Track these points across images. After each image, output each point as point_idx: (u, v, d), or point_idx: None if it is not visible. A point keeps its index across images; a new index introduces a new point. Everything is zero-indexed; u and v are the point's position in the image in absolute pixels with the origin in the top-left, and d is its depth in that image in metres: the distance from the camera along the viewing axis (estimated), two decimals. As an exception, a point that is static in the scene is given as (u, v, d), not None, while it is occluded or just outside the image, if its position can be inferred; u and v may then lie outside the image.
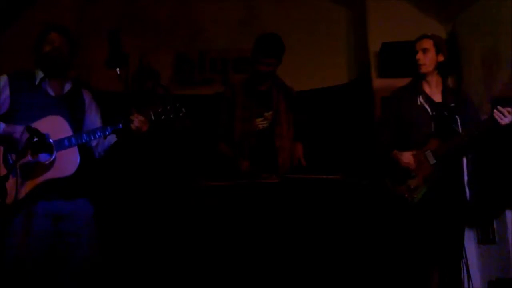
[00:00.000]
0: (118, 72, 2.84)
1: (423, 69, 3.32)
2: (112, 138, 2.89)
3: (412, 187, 3.22)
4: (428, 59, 3.31)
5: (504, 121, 3.05)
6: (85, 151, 2.85)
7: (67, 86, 2.89)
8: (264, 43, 3.49)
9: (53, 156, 2.61)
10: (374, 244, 3.68)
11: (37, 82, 2.80)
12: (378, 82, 4.61)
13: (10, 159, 2.62)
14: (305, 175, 3.34)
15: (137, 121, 2.74)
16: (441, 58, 3.33)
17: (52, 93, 2.83)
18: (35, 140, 2.50)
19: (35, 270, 2.64)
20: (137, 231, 4.09)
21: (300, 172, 3.44)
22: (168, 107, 2.82)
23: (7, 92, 2.74)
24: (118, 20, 4.77)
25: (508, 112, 3.04)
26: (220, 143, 3.63)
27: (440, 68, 3.36)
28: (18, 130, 2.57)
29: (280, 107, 3.59)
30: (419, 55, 3.32)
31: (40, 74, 2.82)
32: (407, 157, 3.24)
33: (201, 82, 4.98)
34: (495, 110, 3.08)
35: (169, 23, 4.99)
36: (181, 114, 2.83)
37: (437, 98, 3.35)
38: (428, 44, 3.32)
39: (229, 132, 3.57)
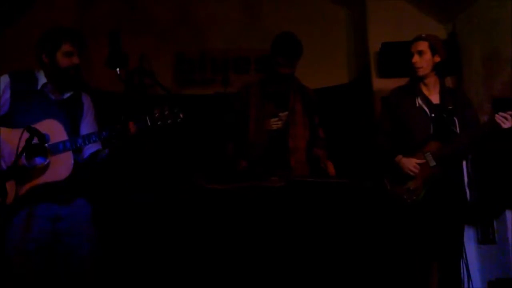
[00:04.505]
0: (118, 72, 2.83)
1: (420, 72, 3.30)
2: (93, 147, 2.86)
3: (411, 188, 3.22)
4: (424, 61, 3.28)
5: (506, 125, 3.05)
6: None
7: (68, 91, 2.88)
8: (287, 45, 3.42)
9: (48, 160, 2.61)
10: (375, 245, 3.68)
11: (39, 87, 2.78)
12: (378, 82, 4.61)
13: (3, 163, 2.61)
14: (311, 178, 3.33)
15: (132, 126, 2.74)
16: (437, 59, 3.30)
17: (52, 97, 2.81)
18: (34, 141, 2.50)
19: (35, 270, 2.64)
20: (137, 232, 4.09)
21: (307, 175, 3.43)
22: (166, 112, 2.79)
23: (7, 94, 2.72)
24: (118, 20, 4.76)
25: (511, 115, 3.04)
26: (229, 144, 3.61)
27: (437, 69, 3.34)
28: (16, 134, 2.56)
29: (296, 107, 3.54)
30: (415, 58, 3.29)
31: (43, 79, 2.78)
32: (413, 165, 3.23)
33: (201, 82, 4.98)
34: (496, 115, 3.07)
35: (169, 23, 4.99)
36: (179, 120, 2.80)
37: (435, 99, 3.34)
38: (423, 46, 3.29)
39: (241, 133, 3.54)
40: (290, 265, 3.09)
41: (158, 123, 2.77)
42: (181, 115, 2.80)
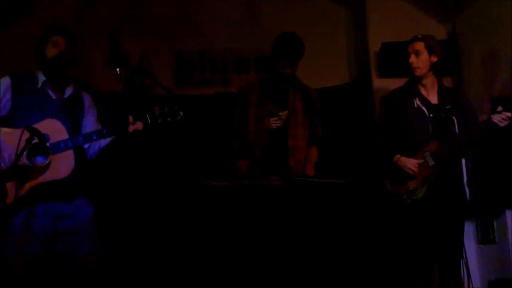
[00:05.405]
0: (118, 72, 2.84)
1: (417, 72, 3.33)
2: (103, 141, 2.88)
3: (411, 188, 3.22)
4: (421, 61, 3.31)
5: (504, 123, 3.06)
6: (81, 152, 2.87)
7: (69, 90, 2.91)
8: (289, 45, 3.41)
9: (49, 159, 2.62)
10: (375, 245, 3.68)
11: (39, 86, 2.81)
12: (378, 82, 4.61)
13: (3, 164, 2.61)
14: (311, 178, 3.33)
15: (133, 125, 2.76)
16: (434, 59, 3.33)
17: (53, 96, 2.84)
18: (34, 141, 2.51)
19: (35, 270, 2.64)
20: (137, 230, 4.10)
21: (306, 175, 3.43)
22: (166, 110, 2.81)
23: (9, 95, 2.75)
24: (118, 20, 4.77)
25: (508, 117, 3.05)
26: (232, 139, 3.60)
27: (435, 69, 3.36)
28: (16, 134, 2.57)
29: (296, 107, 3.54)
30: (412, 58, 3.32)
31: (42, 77, 2.82)
32: (412, 163, 3.24)
33: (201, 82, 4.98)
34: (492, 116, 3.08)
35: (169, 23, 4.99)
36: (178, 118, 2.82)
37: (434, 99, 3.35)
38: (419, 46, 3.32)
39: (242, 131, 3.54)
40: (289, 264, 3.10)
41: (159, 120, 2.80)
42: (181, 113, 2.82)
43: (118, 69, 2.84)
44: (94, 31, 4.53)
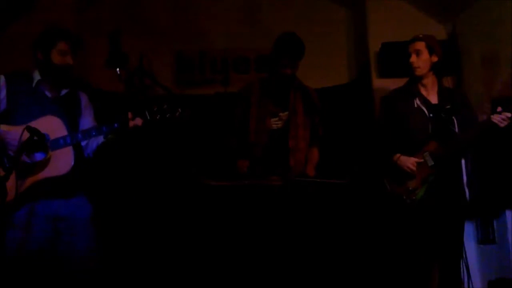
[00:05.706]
0: (118, 72, 2.84)
1: (418, 72, 3.33)
2: (100, 139, 2.89)
3: (410, 188, 3.22)
4: (421, 61, 3.31)
5: (503, 124, 3.06)
6: (80, 150, 2.87)
7: (65, 89, 2.91)
8: (290, 46, 3.41)
9: (48, 155, 2.62)
10: (375, 245, 3.68)
11: (34, 85, 2.81)
12: (378, 82, 4.61)
13: (5, 160, 2.62)
14: (311, 178, 3.34)
15: (132, 121, 2.76)
16: (435, 58, 3.33)
17: (49, 95, 2.85)
18: (34, 139, 2.51)
19: (35, 269, 2.65)
20: (137, 230, 4.10)
21: (307, 175, 3.43)
22: (164, 106, 2.82)
23: (3, 92, 2.75)
24: (118, 20, 4.77)
25: (507, 117, 3.05)
26: (232, 138, 3.60)
27: (435, 69, 3.36)
28: (16, 131, 2.57)
29: (297, 108, 3.54)
30: (413, 58, 3.32)
31: (37, 76, 2.83)
32: (411, 162, 3.24)
33: (201, 82, 4.98)
34: (492, 116, 3.09)
35: (169, 23, 4.99)
36: (177, 114, 2.83)
37: (434, 99, 3.35)
38: (420, 46, 3.32)
39: (243, 131, 3.54)
40: (289, 264, 3.10)
41: (157, 116, 2.80)
42: (179, 110, 2.83)
43: (118, 69, 2.85)
44: (94, 31, 4.53)
